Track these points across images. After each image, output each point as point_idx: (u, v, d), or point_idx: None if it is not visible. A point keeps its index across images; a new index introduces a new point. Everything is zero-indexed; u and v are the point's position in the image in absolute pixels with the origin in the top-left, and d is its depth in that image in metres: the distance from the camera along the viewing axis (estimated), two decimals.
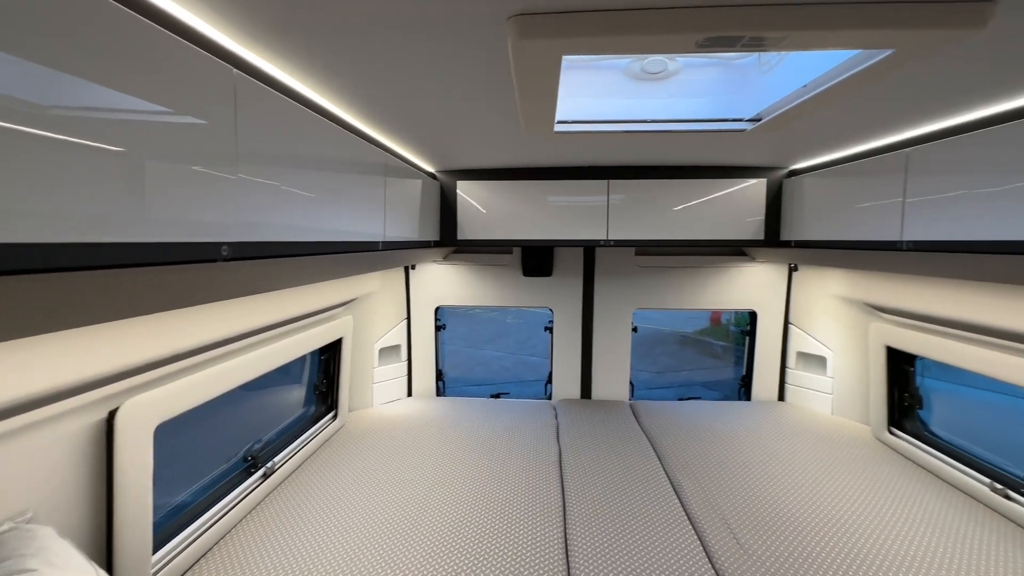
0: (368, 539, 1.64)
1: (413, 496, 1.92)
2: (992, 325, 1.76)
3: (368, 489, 1.97)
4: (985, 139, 1.38)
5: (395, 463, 2.20)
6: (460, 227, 2.62)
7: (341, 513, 1.80)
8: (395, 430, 2.58)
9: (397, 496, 1.92)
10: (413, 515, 1.79)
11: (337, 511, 1.81)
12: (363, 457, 2.26)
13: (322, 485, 2.00)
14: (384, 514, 1.79)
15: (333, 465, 2.18)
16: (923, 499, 1.88)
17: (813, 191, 2.24)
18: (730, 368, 6.30)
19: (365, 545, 1.61)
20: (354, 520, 1.75)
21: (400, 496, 1.92)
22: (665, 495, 1.94)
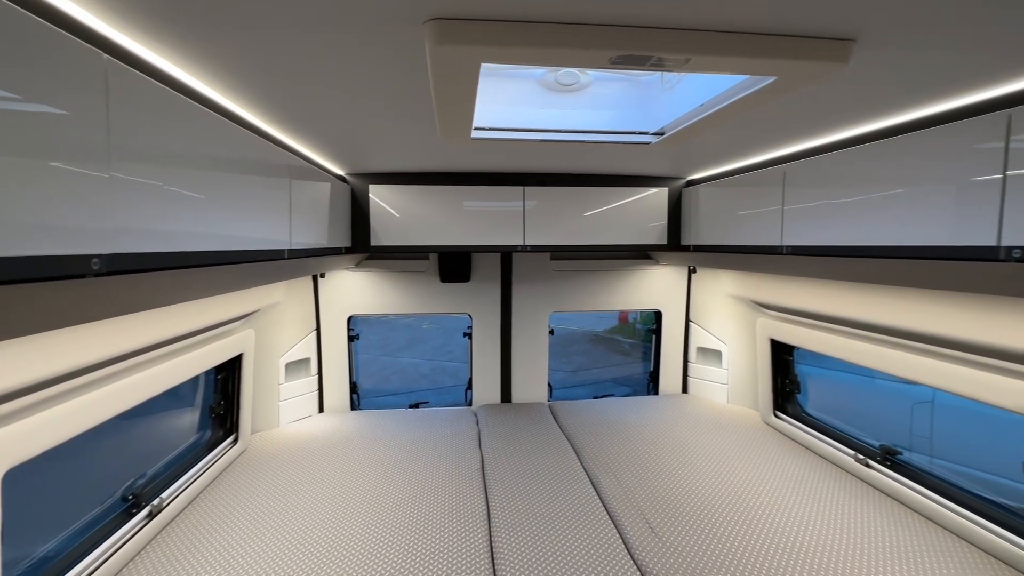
0: (280, 568, 1.50)
1: (328, 518, 1.80)
2: (853, 318, 2.04)
3: (276, 516, 1.81)
4: (844, 158, 1.59)
5: (306, 485, 2.04)
6: (373, 233, 2.52)
7: (245, 545, 1.63)
8: (306, 450, 2.41)
9: (310, 520, 1.78)
10: (330, 538, 1.67)
11: (240, 544, 1.64)
12: (270, 482, 2.07)
13: (222, 517, 1.80)
14: (297, 540, 1.66)
15: (235, 494, 1.97)
16: (802, 473, 2.12)
17: (708, 200, 2.45)
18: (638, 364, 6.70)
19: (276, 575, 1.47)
20: (262, 550, 1.60)
21: (314, 520, 1.79)
22: (585, 493, 2.00)
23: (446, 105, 1.24)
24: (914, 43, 0.90)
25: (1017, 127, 1.08)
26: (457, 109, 1.28)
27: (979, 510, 1.66)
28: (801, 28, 0.86)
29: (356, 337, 3.16)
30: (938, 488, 1.81)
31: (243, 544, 1.65)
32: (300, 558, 1.58)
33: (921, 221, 1.33)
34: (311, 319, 2.95)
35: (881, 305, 1.89)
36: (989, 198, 1.14)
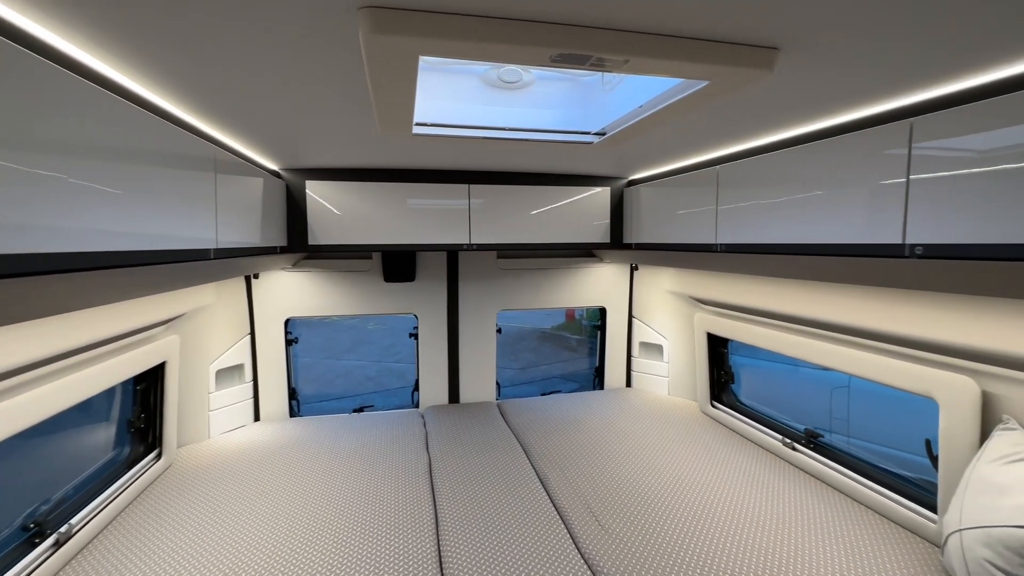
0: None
1: (265, 532, 1.70)
2: (779, 311, 2.18)
3: (207, 534, 1.69)
4: (771, 161, 1.69)
5: (240, 500, 1.92)
6: (311, 231, 2.40)
7: (169, 570, 1.51)
8: (239, 462, 2.27)
9: (245, 536, 1.68)
10: (267, 553, 1.58)
11: (164, 568, 1.51)
12: (198, 498, 1.93)
13: (143, 540, 1.66)
14: (230, 557, 1.55)
15: (159, 514, 1.82)
16: (736, 459, 2.24)
17: (648, 199, 2.53)
18: (584, 359, 6.84)
19: None
20: (190, 573, 1.48)
21: (249, 535, 1.68)
22: (533, 490, 2.01)
23: (384, 98, 1.20)
24: (830, 55, 0.96)
25: (918, 135, 1.19)
26: (396, 103, 1.24)
27: (888, 484, 1.82)
28: (730, 35, 0.90)
29: (295, 340, 3.01)
30: (853, 466, 1.96)
31: (167, 568, 1.52)
32: (235, 573, 1.48)
33: (838, 220, 1.44)
34: (244, 322, 2.78)
35: (804, 299, 2.03)
36: (895, 200, 1.25)
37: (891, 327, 1.68)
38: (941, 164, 1.15)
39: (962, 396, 1.49)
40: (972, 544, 1.26)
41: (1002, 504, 1.23)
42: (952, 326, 1.50)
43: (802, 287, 2.03)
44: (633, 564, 1.52)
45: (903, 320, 1.64)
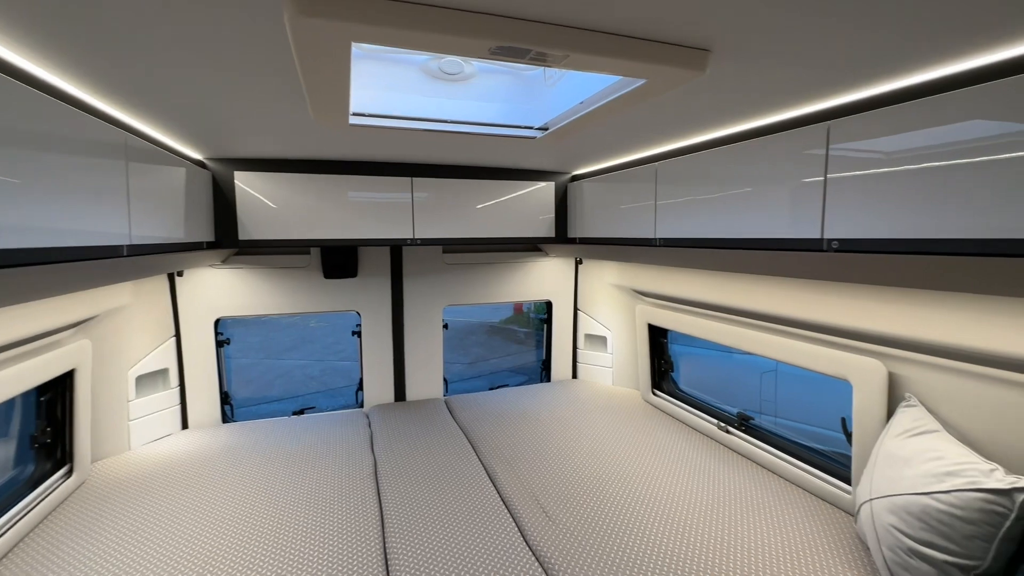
0: None
1: (196, 548, 1.59)
2: (713, 302, 2.29)
3: (128, 551, 1.56)
4: (706, 158, 1.76)
5: (167, 513, 1.79)
6: (242, 225, 2.26)
7: None
8: (165, 474, 2.11)
9: (173, 552, 1.56)
10: (198, 571, 1.48)
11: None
12: (118, 516, 1.78)
13: (53, 563, 1.50)
14: None
15: (71, 535, 1.66)
16: (676, 444, 2.34)
17: (591, 195, 2.58)
18: (533, 352, 6.91)
19: None
20: None
21: (178, 551, 1.57)
22: (482, 485, 2.01)
23: (317, 86, 1.13)
24: (757, 59, 1.00)
25: (835, 137, 1.27)
26: (330, 91, 1.18)
27: (809, 461, 1.96)
28: (664, 35, 0.92)
29: (226, 342, 2.83)
30: (780, 446, 2.10)
31: None
32: None
33: (764, 216, 1.52)
34: (168, 324, 2.57)
35: (735, 291, 2.14)
36: (814, 197, 1.33)
37: (811, 316, 1.81)
38: (855, 164, 1.24)
39: (872, 377, 1.63)
40: (881, 512, 1.38)
41: (904, 474, 1.35)
42: (863, 314, 1.63)
43: (734, 279, 2.14)
44: (581, 554, 1.55)
45: (821, 309, 1.77)
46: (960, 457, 1.27)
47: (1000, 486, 1.13)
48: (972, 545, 1.17)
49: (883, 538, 1.36)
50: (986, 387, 1.38)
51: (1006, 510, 1.12)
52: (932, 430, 1.42)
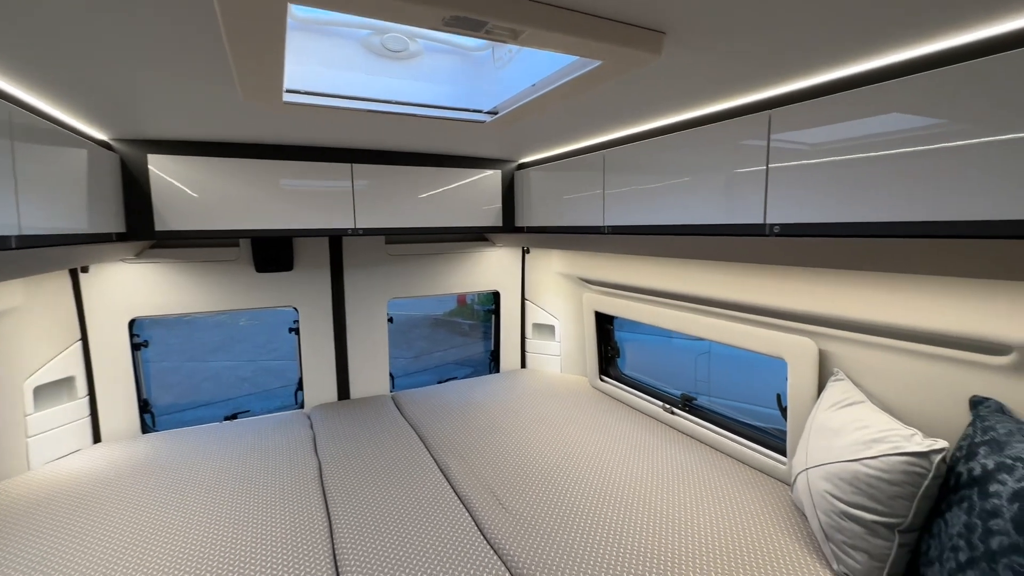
0: None
1: (121, 573, 1.42)
2: (657, 288, 2.35)
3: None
4: (653, 146, 1.79)
5: (82, 538, 1.59)
6: (158, 215, 2.03)
7: None
8: (73, 494, 1.88)
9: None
10: None
11: None
12: (21, 545, 1.56)
13: None
14: None
15: None
16: (624, 428, 2.40)
17: (539, 183, 2.56)
18: (478, 344, 6.90)
19: None
20: None
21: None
22: (434, 480, 1.95)
23: (246, 57, 1.02)
24: (710, 44, 1.01)
25: (775, 125, 1.32)
26: (261, 64, 1.07)
27: (748, 436, 2.07)
28: (622, 14, 0.90)
29: (144, 344, 2.56)
30: (721, 424, 2.21)
31: None
32: None
33: (710, 203, 1.57)
34: (72, 327, 2.29)
35: (680, 277, 2.21)
36: (758, 184, 1.39)
37: (749, 299, 1.90)
38: (794, 152, 1.30)
39: (804, 355, 1.74)
40: (816, 480, 1.47)
41: (836, 444, 1.45)
42: (797, 296, 1.74)
43: (678, 265, 2.21)
44: (537, 542, 1.55)
45: (759, 292, 1.86)
46: (884, 425, 1.38)
47: (920, 449, 1.24)
48: (896, 504, 1.27)
49: (818, 504, 1.45)
50: (903, 359, 1.50)
51: (925, 470, 1.23)
52: (858, 401, 1.54)
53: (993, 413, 1.27)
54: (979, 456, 1.18)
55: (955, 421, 1.38)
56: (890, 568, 1.30)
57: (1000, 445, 1.16)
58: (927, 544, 1.25)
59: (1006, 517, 1.04)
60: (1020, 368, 1.25)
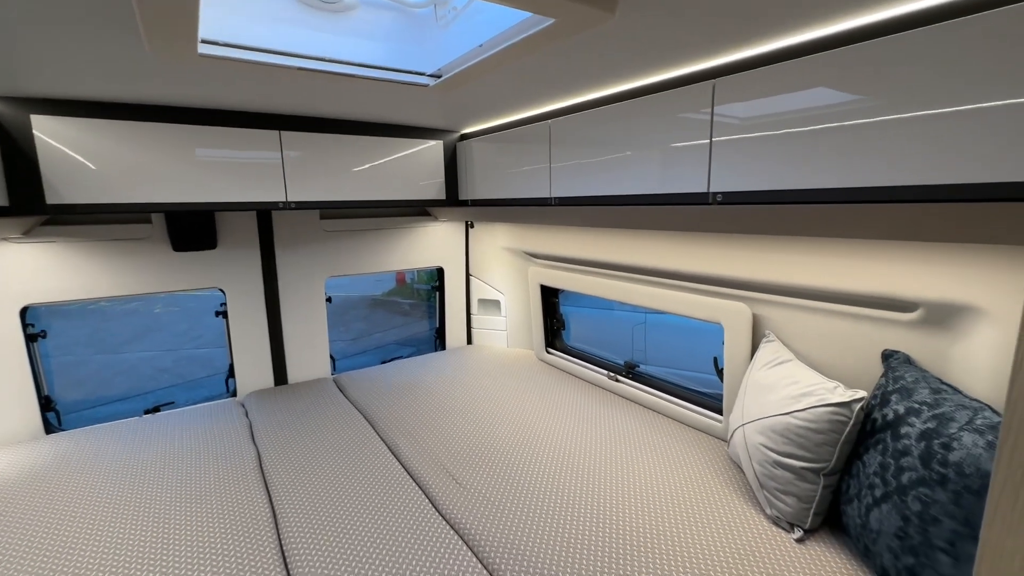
0: None
1: None
2: (601, 260, 2.40)
3: None
4: (598, 116, 1.78)
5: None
6: (49, 186, 1.78)
7: None
8: None
9: None
10: None
11: None
12: None
13: None
14: None
15: None
16: (571, 397, 2.46)
17: (482, 155, 2.50)
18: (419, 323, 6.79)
19: None
20: None
21: None
22: (384, 461, 1.90)
23: (152, 2, 0.88)
24: (662, 4, 1.00)
25: (720, 96, 1.35)
26: (171, 9, 0.93)
27: (687, 398, 2.19)
28: None
29: (41, 335, 2.27)
30: (662, 388, 2.32)
31: None
32: None
33: (655, 172, 1.59)
34: None
35: (623, 248, 2.26)
36: (702, 152, 1.42)
37: (689, 267, 1.98)
38: (737, 121, 1.34)
39: (739, 320, 1.84)
40: (751, 434, 1.58)
41: (768, 400, 1.56)
42: (732, 263, 1.83)
43: (624, 237, 2.26)
44: (492, 513, 1.55)
45: (697, 261, 1.94)
46: (811, 380, 1.49)
47: (842, 399, 1.36)
48: (822, 451, 1.39)
49: (753, 455, 1.56)
50: (825, 320, 1.63)
51: (847, 418, 1.35)
52: (788, 360, 1.66)
53: (902, 364, 1.41)
54: (891, 403, 1.31)
55: (871, 373, 1.52)
56: (815, 508, 1.42)
57: (908, 392, 1.29)
58: (847, 484, 1.38)
59: (914, 455, 1.16)
60: (924, 323, 1.39)
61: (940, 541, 1.08)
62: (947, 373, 1.34)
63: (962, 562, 1.05)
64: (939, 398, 1.22)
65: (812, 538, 1.42)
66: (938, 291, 1.32)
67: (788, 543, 1.40)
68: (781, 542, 1.40)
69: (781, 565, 1.31)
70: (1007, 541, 0.45)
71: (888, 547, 1.19)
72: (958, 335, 1.32)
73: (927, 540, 1.10)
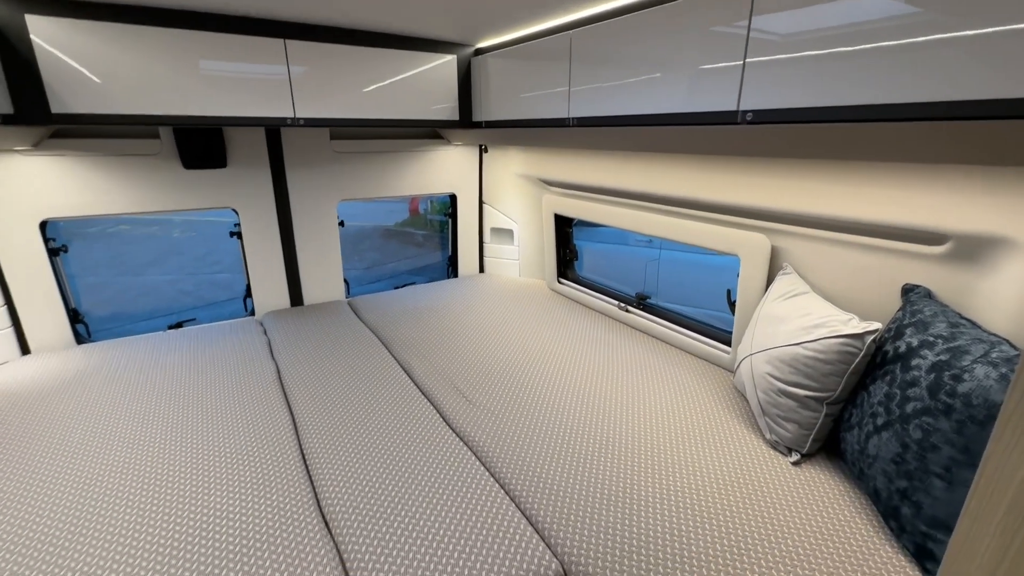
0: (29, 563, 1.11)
1: (79, 485, 1.38)
2: (618, 188, 2.32)
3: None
4: (622, 25, 1.64)
5: (16, 455, 1.52)
6: (52, 93, 1.73)
7: None
8: (10, 407, 1.76)
9: (44, 498, 1.35)
10: (90, 509, 1.30)
11: None
12: None
13: None
14: (30, 528, 1.24)
15: None
16: (581, 326, 2.49)
17: (497, 72, 2.36)
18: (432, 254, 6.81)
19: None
20: None
21: (49, 496, 1.35)
22: (398, 379, 1.97)
23: None
24: None
25: (759, 4, 1.23)
26: None
27: (696, 329, 2.20)
28: None
29: (63, 249, 2.32)
30: (671, 319, 2.32)
31: None
32: (54, 544, 1.19)
33: (682, 89, 1.49)
34: None
35: (641, 175, 2.17)
36: (734, 66, 1.31)
37: (710, 196, 1.91)
38: (776, 31, 1.22)
39: (758, 251, 1.79)
40: (758, 363, 1.59)
41: (780, 330, 1.55)
42: (753, 192, 1.75)
43: (642, 162, 2.16)
44: (501, 429, 1.62)
45: (716, 189, 1.86)
46: (824, 312, 1.47)
47: (855, 331, 1.34)
48: (828, 380, 1.40)
49: (759, 384, 1.58)
50: (847, 252, 1.58)
51: (857, 349, 1.34)
52: (803, 292, 1.63)
53: (922, 298, 1.37)
54: (905, 336, 1.29)
55: (889, 307, 1.49)
56: (815, 435, 1.46)
57: (925, 325, 1.27)
58: (849, 412, 1.40)
59: (922, 385, 1.16)
60: (952, 257, 1.34)
61: (937, 467, 1.10)
62: (969, 308, 1.30)
63: (955, 486, 1.07)
64: (956, 332, 1.20)
65: (808, 462, 1.47)
66: (971, 223, 1.25)
67: (784, 465, 1.45)
68: (777, 464, 1.45)
69: (774, 484, 1.37)
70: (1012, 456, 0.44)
71: (883, 471, 1.22)
72: (986, 269, 1.27)
73: (924, 466, 1.12)
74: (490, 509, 1.28)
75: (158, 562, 1.13)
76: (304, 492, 1.36)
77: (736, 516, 1.26)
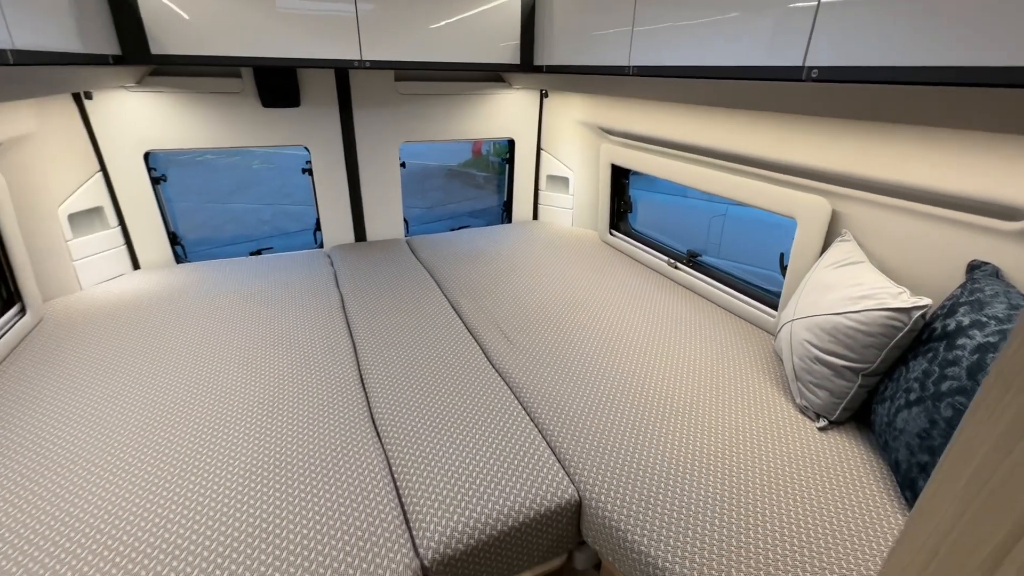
0: (120, 456, 1.40)
1: (173, 381, 1.67)
2: (679, 141, 2.25)
3: (99, 387, 1.62)
4: None
5: (136, 350, 1.83)
6: (151, 36, 1.90)
7: (58, 435, 1.46)
8: (125, 311, 2.10)
9: (148, 386, 1.64)
10: (184, 398, 1.58)
11: (54, 426, 1.47)
12: (83, 351, 1.81)
13: (20, 399, 1.56)
14: (141, 409, 1.53)
15: (38, 368, 1.69)
16: (630, 280, 2.51)
17: (561, 14, 2.28)
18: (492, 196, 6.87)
19: (113, 470, 1.38)
20: (87, 434, 1.46)
21: (153, 385, 1.65)
22: (447, 315, 2.13)
23: None
24: None
25: None
26: None
27: (744, 290, 2.17)
28: None
29: (163, 178, 2.61)
30: (720, 279, 2.30)
31: (58, 428, 1.47)
32: (157, 425, 1.48)
33: (746, 41, 1.41)
34: (89, 157, 2.31)
35: (702, 128, 2.09)
36: (805, 17, 1.23)
37: (770, 154, 1.82)
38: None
39: (816, 215, 1.72)
40: (799, 330, 1.58)
41: (825, 299, 1.52)
42: (817, 152, 1.66)
43: (703, 115, 2.08)
44: (537, 370, 1.75)
45: (781, 147, 1.78)
46: (876, 283, 1.43)
47: (902, 305, 1.30)
48: (867, 352, 1.38)
49: (796, 350, 1.58)
50: (913, 221, 1.49)
51: (902, 324, 1.31)
52: (859, 261, 1.57)
53: (987, 277, 1.30)
54: (958, 314, 1.25)
55: (950, 284, 1.42)
56: (846, 404, 1.46)
57: (982, 305, 1.21)
58: (885, 385, 1.39)
59: (963, 365, 1.14)
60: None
61: None
62: None
63: None
64: (1014, 314, 1.14)
65: (835, 429, 1.49)
66: None
67: (810, 429, 1.48)
68: (803, 427, 1.49)
69: (796, 444, 1.41)
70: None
71: (907, 444, 1.23)
72: None
73: (948, 444, 1.12)
74: (520, 438, 1.43)
75: (243, 450, 1.38)
76: (361, 407, 1.56)
77: (751, 469, 1.32)
